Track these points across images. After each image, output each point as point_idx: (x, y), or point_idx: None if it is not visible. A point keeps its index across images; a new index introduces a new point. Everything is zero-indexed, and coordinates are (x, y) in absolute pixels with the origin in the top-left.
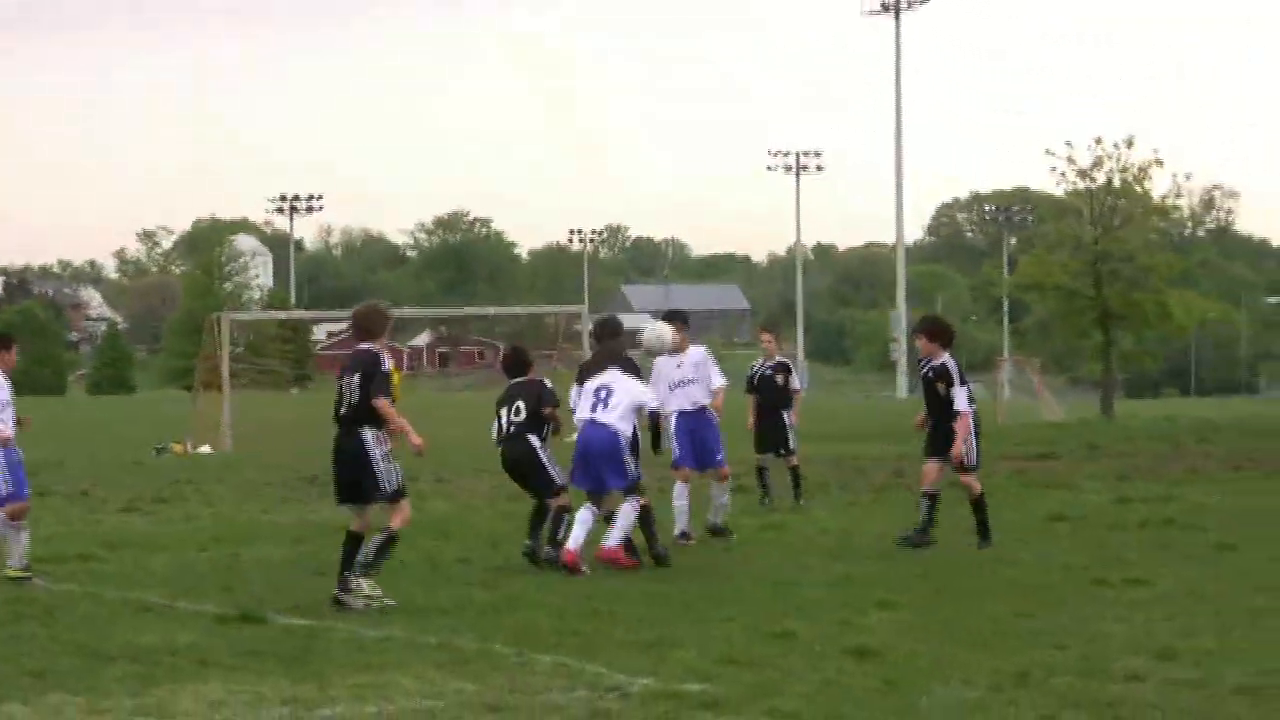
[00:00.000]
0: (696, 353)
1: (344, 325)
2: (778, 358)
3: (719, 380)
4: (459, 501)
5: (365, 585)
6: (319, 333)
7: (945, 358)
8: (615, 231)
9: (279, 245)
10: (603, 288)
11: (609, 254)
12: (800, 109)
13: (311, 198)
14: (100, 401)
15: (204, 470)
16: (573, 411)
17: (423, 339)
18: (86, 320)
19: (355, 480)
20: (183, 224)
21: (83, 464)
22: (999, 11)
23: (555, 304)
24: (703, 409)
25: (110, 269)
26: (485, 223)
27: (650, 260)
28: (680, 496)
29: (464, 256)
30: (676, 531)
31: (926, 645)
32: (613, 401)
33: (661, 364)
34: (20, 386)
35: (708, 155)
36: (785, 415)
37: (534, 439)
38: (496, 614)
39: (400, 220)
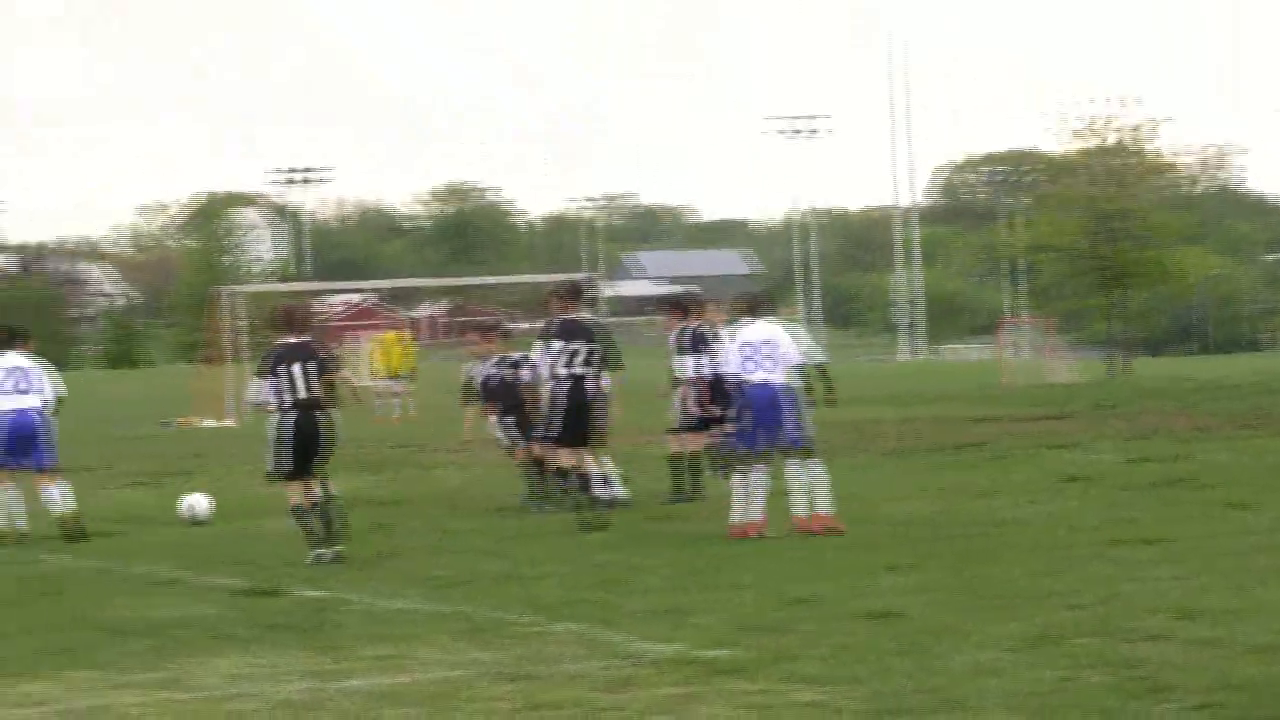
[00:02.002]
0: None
1: (348, 297)
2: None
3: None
4: (470, 472)
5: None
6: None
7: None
8: (615, 198)
9: (283, 218)
10: (608, 254)
11: (612, 221)
12: (800, 71)
13: (316, 169)
14: (109, 376)
15: (212, 443)
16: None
17: (425, 309)
18: (88, 297)
19: (319, 453)
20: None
21: (90, 439)
22: None
23: (561, 272)
24: None
25: (116, 243)
26: (495, 190)
27: (651, 226)
28: None
29: (467, 226)
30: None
31: (942, 608)
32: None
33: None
34: None
35: (708, 120)
36: None
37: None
38: (510, 583)
39: (405, 191)
